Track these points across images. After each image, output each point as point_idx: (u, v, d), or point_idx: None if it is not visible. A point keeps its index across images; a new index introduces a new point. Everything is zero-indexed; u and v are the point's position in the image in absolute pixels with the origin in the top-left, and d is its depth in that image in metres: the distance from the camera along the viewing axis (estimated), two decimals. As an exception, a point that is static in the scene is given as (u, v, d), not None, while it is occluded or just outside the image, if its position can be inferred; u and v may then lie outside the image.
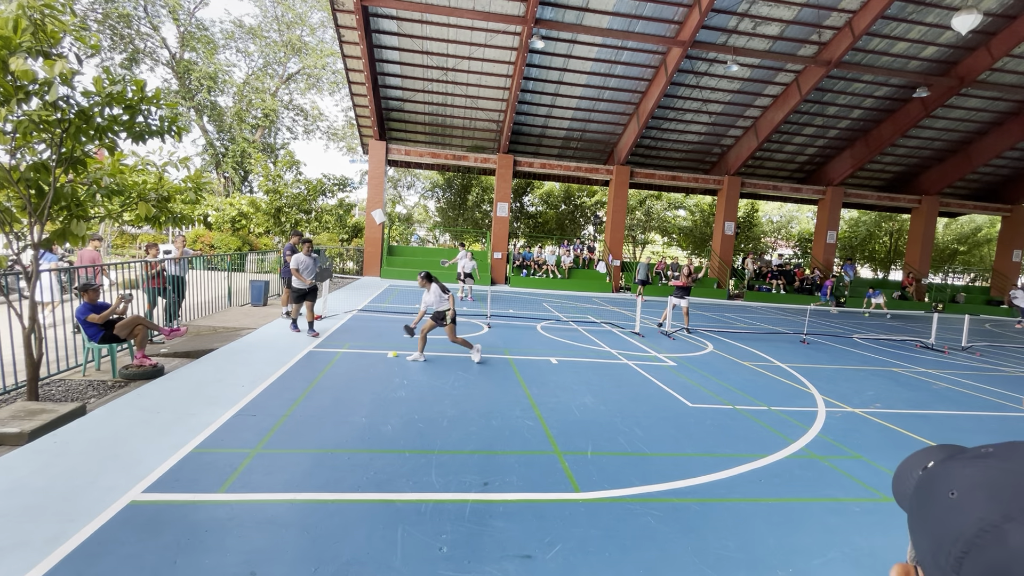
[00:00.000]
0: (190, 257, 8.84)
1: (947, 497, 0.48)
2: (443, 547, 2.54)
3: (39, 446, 3.36)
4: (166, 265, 8.09)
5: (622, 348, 8.05)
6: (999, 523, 0.43)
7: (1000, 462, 0.47)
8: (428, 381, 5.45)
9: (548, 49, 15.14)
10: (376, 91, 16.54)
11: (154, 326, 5.87)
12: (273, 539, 2.51)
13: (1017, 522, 0.42)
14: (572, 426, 4.38)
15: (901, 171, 22.54)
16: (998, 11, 14.08)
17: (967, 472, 0.49)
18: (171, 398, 4.41)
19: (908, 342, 11.03)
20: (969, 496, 0.46)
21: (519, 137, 19.60)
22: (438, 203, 31.44)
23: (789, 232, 36.62)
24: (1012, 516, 0.42)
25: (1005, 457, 0.48)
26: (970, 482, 0.47)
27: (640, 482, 3.39)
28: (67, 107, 3.96)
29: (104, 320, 5.36)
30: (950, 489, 0.48)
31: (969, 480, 0.48)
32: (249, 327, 7.95)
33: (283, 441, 3.67)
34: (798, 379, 6.78)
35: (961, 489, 0.47)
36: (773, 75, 16.53)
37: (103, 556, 2.31)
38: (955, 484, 0.48)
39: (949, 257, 33.34)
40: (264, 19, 29.45)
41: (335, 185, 20.71)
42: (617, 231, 20.42)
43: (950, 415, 5.67)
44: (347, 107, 32.92)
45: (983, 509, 0.44)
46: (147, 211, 5.02)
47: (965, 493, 0.47)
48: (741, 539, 2.80)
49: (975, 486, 0.47)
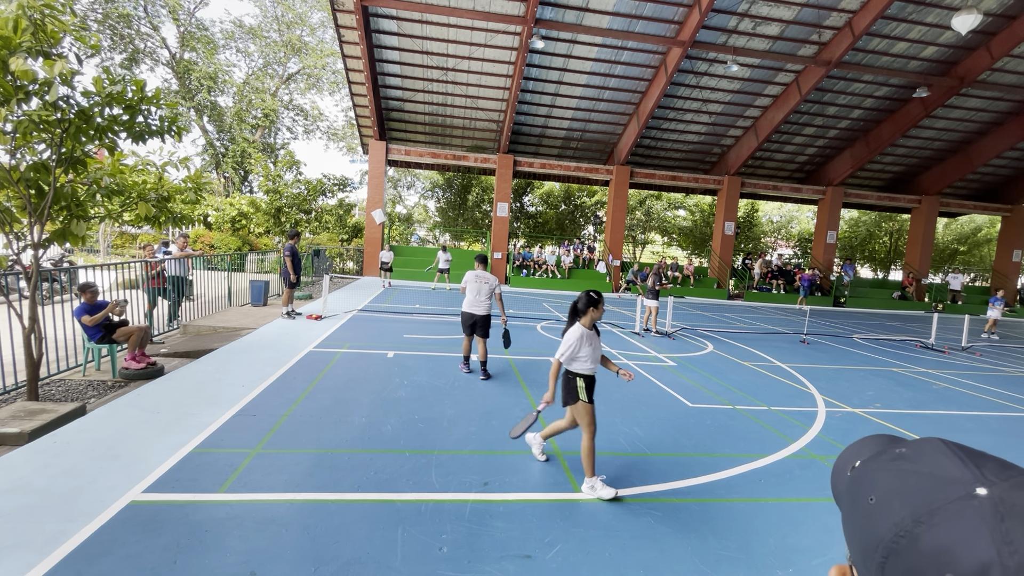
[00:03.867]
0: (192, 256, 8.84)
1: (867, 502, 0.49)
2: (443, 547, 2.54)
3: (39, 446, 3.36)
4: (166, 265, 8.09)
5: (622, 348, 8.05)
6: (910, 527, 0.43)
7: (910, 464, 0.48)
8: (428, 381, 5.45)
9: (548, 49, 15.14)
10: (376, 91, 16.54)
11: (145, 343, 5.79)
12: (273, 539, 2.51)
13: (926, 525, 0.43)
14: (572, 426, 4.37)
15: (901, 171, 22.53)
16: (998, 11, 14.07)
17: (883, 476, 0.50)
18: (171, 398, 4.41)
19: (908, 342, 11.03)
20: (885, 501, 0.47)
21: (519, 137, 19.60)
22: (438, 203, 31.44)
23: (789, 232, 36.62)
24: (921, 519, 0.43)
25: (914, 459, 0.49)
26: (885, 486, 0.48)
27: (640, 482, 3.39)
28: (67, 107, 3.96)
29: (96, 323, 5.36)
30: (869, 494, 0.49)
31: (884, 484, 0.49)
32: (249, 327, 7.95)
33: (283, 441, 3.67)
34: (798, 379, 6.78)
35: (878, 494, 0.48)
36: (773, 75, 16.53)
37: (103, 556, 2.31)
38: (873, 489, 0.49)
39: (949, 257, 33.33)
40: (264, 19, 29.44)
41: (335, 185, 20.72)
42: (617, 231, 20.42)
43: (950, 415, 5.67)
44: (347, 107, 32.93)
45: (896, 513, 0.45)
46: (147, 211, 5.02)
47: (881, 498, 0.48)
48: (741, 539, 2.80)
49: (889, 491, 0.48)
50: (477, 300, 5.71)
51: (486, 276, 5.80)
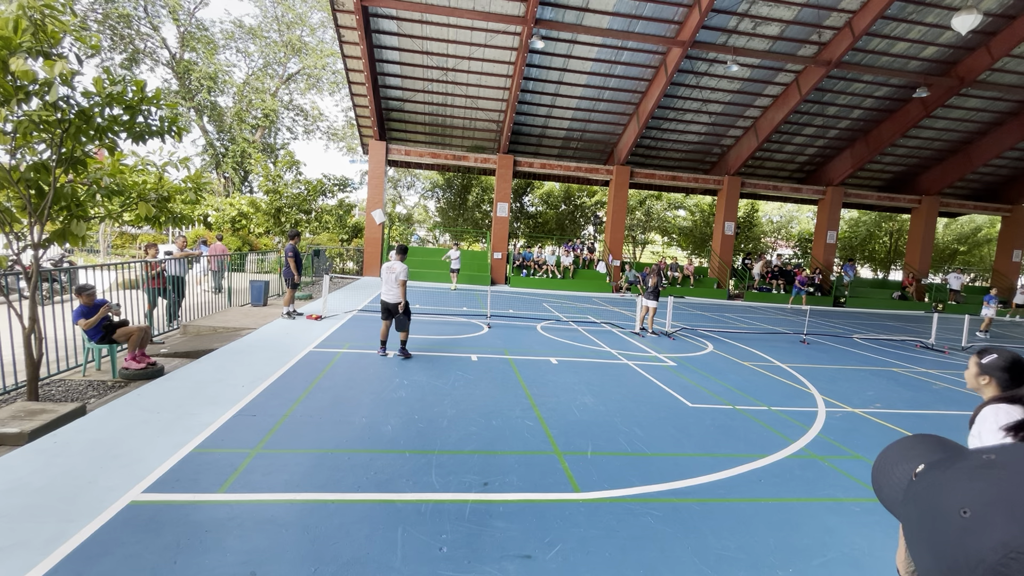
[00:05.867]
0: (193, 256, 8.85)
1: (959, 516, 0.44)
2: (443, 547, 2.54)
3: (39, 446, 3.36)
4: (166, 266, 8.09)
5: (622, 348, 8.05)
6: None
7: (1012, 474, 0.43)
8: (428, 381, 5.45)
9: (548, 49, 15.14)
10: (376, 91, 16.54)
11: (145, 343, 5.82)
12: (273, 539, 2.51)
13: None
14: (572, 426, 4.38)
15: (901, 171, 22.53)
16: (998, 11, 14.08)
17: (977, 486, 0.44)
18: (171, 398, 4.41)
19: (908, 342, 11.03)
20: (985, 516, 0.42)
21: (519, 137, 19.60)
22: (438, 203, 31.45)
23: (789, 232, 36.62)
24: None
25: (1015, 468, 0.44)
26: (984, 498, 0.43)
27: (640, 482, 3.39)
28: (67, 107, 3.96)
29: (90, 326, 5.36)
30: (961, 506, 0.44)
31: (982, 496, 0.43)
32: (249, 327, 7.95)
33: (283, 441, 3.67)
34: (798, 379, 6.78)
35: (975, 507, 0.43)
36: (773, 75, 16.53)
37: (103, 556, 2.31)
38: (966, 500, 0.44)
39: (949, 257, 33.33)
40: (264, 19, 29.45)
41: (335, 185, 20.72)
42: (617, 231, 20.42)
43: (950, 415, 5.67)
44: (347, 107, 32.93)
45: (1005, 532, 0.40)
46: (147, 211, 5.03)
47: (980, 512, 0.43)
48: (741, 539, 2.79)
49: (990, 503, 0.42)
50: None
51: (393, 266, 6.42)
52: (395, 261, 6.43)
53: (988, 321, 13.33)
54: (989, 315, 13.26)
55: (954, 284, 21.82)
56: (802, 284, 19.10)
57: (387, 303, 6.38)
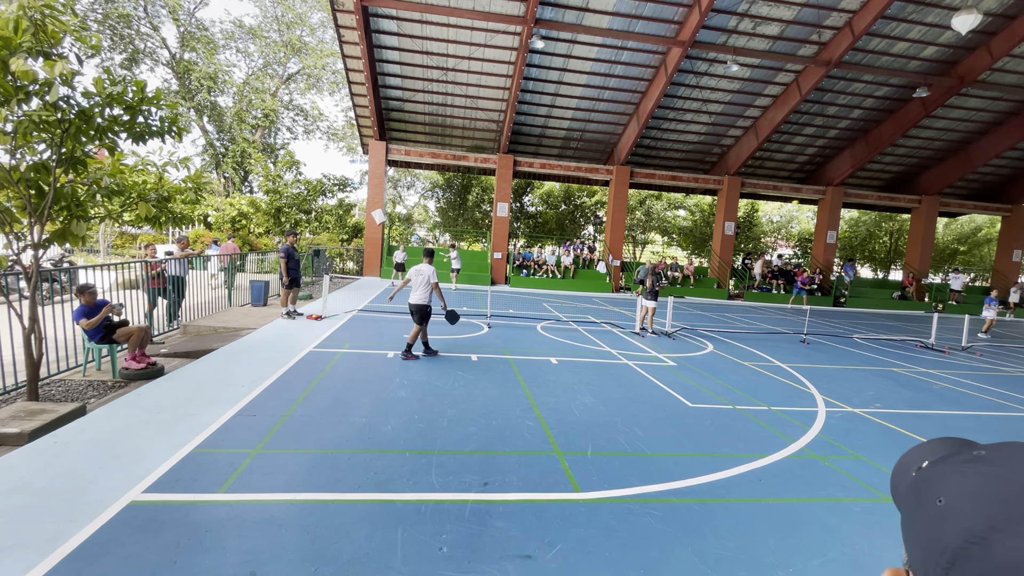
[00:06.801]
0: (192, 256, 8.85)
1: (935, 504, 0.46)
2: (443, 547, 2.54)
3: (39, 446, 3.36)
4: (166, 266, 8.09)
5: (622, 348, 8.05)
6: (985, 534, 0.41)
7: (989, 467, 0.45)
8: (428, 381, 5.45)
9: (548, 49, 15.14)
10: (376, 91, 16.54)
11: (145, 343, 5.82)
12: (273, 539, 2.51)
13: (1004, 533, 0.40)
14: (572, 426, 4.38)
15: (901, 171, 22.53)
16: (998, 11, 14.08)
17: (956, 479, 0.47)
18: (171, 398, 4.41)
19: (908, 342, 11.03)
20: (956, 504, 0.44)
21: (519, 137, 19.60)
22: (438, 203, 31.44)
23: (789, 232, 36.62)
24: (998, 526, 0.40)
25: (995, 462, 0.45)
26: (958, 489, 0.45)
27: (640, 482, 3.39)
28: (67, 107, 3.96)
29: (92, 326, 5.36)
30: (938, 496, 0.47)
31: (957, 487, 0.46)
32: (249, 327, 7.95)
33: (283, 441, 3.67)
34: (798, 379, 6.78)
35: (949, 496, 0.46)
36: (773, 75, 16.53)
37: (103, 556, 2.31)
38: (943, 491, 0.47)
39: (949, 257, 33.34)
40: (264, 19, 29.45)
41: (335, 185, 20.73)
42: (617, 231, 20.43)
43: (950, 415, 5.67)
44: (347, 107, 32.93)
45: (969, 518, 0.42)
46: (147, 211, 5.02)
47: (952, 501, 0.45)
48: (741, 539, 2.79)
49: (962, 493, 0.45)
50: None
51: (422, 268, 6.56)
52: (424, 264, 6.58)
53: (990, 323, 13.33)
54: (991, 317, 13.26)
55: (955, 284, 21.83)
56: (803, 284, 19.14)
57: (415, 305, 6.48)
